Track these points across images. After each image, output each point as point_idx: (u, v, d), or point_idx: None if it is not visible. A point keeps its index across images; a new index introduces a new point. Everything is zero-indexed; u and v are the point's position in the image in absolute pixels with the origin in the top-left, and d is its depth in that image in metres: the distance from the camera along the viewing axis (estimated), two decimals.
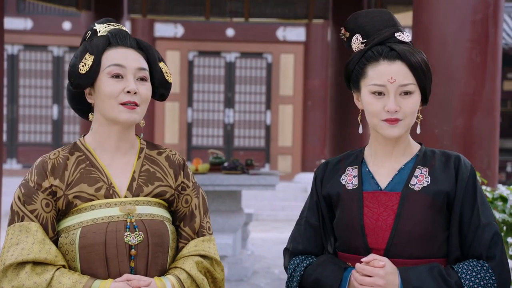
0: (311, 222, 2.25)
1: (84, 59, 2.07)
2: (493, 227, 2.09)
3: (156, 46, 15.47)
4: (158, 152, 2.21)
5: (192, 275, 2.09)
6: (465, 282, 2.02)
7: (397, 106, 2.06)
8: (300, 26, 15.61)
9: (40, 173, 2.10)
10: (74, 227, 2.06)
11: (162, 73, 2.17)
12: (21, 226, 2.05)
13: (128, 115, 2.08)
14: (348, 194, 2.16)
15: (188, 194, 2.20)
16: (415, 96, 2.09)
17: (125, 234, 2.04)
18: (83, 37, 2.17)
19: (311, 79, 15.62)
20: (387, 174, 2.15)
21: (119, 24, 2.18)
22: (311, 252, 2.25)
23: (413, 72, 2.07)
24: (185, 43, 15.67)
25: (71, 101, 2.22)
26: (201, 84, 15.85)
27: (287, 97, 15.73)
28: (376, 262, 2.02)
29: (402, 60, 2.07)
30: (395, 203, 2.10)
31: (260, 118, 15.86)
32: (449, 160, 2.14)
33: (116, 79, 2.08)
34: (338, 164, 2.25)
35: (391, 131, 2.08)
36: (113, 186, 2.10)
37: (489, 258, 2.07)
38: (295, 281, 2.20)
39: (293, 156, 15.75)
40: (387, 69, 2.07)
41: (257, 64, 15.88)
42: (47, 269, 2.00)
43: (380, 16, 2.17)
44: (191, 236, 2.17)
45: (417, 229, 2.08)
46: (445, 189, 2.09)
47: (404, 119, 2.08)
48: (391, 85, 2.06)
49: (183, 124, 15.71)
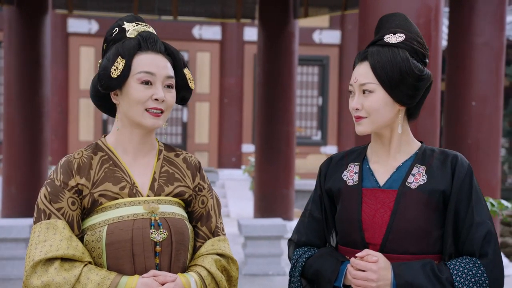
0: (315, 215, 2.32)
1: (116, 63, 2.10)
2: (486, 226, 2.13)
3: (70, 42, 15.18)
4: (176, 154, 2.27)
5: (212, 272, 2.15)
6: (456, 278, 2.08)
7: (357, 104, 2.15)
8: (216, 25, 15.70)
9: (66, 172, 2.13)
10: (100, 224, 2.10)
11: (186, 79, 2.22)
12: (48, 224, 2.07)
13: (153, 121, 2.13)
14: (348, 190, 2.23)
15: (204, 195, 2.27)
16: (376, 95, 2.14)
17: (151, 231, 2.10)
18: (109, 32, 2.19)
19: (227, 77, 15.76)
20: (386, 171, 2.22)
21: (146, 24, 2.21)
22: (314, 244, 2.32)
23: (374, 71, 2.13)
24: (100, 40, 15.36)
25: (95, 98, 2.24)
26: None
27: (203, 94, 15.79)
28: (370, 257, 2.09)
29: (367, 61, 2.16)
30: (392, 200, 2.17)
31: (177, 115, 15.85)
32: (446, 159, 2.19)
33: (145, 85, 2.11)
34: (341, 160, 2.32)
35: (357, 128, 2.19)
36: (136, 186, 2.16)
37: (482, 255, 2.11)
38: (297, 271, 2.28)
39: (210, 152, 15.84)
40: (356, 70, 2.19)
41: None
42: (75, 265, 2.03)
43: (389, 19, 2.24)
44: (207, 235, 2.24)
45: (412, 226, 2.13)
46: (441, 187, 2.15)
47: (369, 117, 2.15)
48: (355, 84, 2.17)
49: (98, 120, 15.47)
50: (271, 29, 8.68)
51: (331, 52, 16.12)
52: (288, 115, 8.64)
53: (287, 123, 8.60)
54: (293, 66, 8.74)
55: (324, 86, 16.22)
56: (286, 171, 8.65)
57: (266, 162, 8.64)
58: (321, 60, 16.10)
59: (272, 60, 8.55)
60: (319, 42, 16.07)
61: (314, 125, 16.29)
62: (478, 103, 6.86)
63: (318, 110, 16.31)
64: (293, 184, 8.76)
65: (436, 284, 2.07)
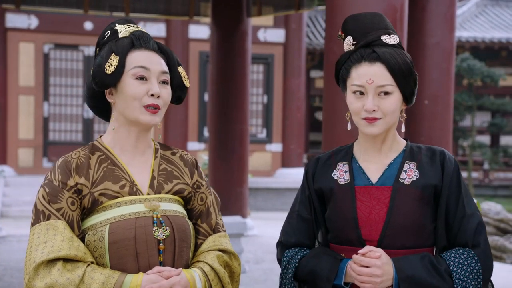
0: (303, 216, 2.32)
1: (110, 59, 2.08)
2: (477, 217, 2.21)
3: (8, 37, 14.80)
4: (172, 152, 2.27)
5: (215, 268, 2.15)
6: (453, 269, 2.13)
7: (374, 106, 2.15)
8: (161, 22, 15.58)
9: (64, 171, 2.10)
10: (102, 224, 2.07)
11: (180, 77, 2.21)
12: (48, 225, 2.04)
13: (150, 117, 2.12)
14: (341, 188, 2.25)
15: (203, 192, 2.27)
16: (393, 96, 2.17)
17: (154, 229, 2.08)
18: (102, 36, 2.18)
19: None
20: (377, 169, 2.25)
21: (138, 26, 2.21)
22: (304, 245, 2.32)
23: (392, 73, 2.15)
24: (40, 35, 15.09)
25: (89, 99, 2.22)
26: (58, 78, 15.35)
27: None
28: (373, 253, 2.11)
29: (381, 62, 2.15)
30: (387, 196, 2.20)
31: None
32: (434, 155, 2.25)
33: (141, 81, 2.10)
34: (328, 160, 2.33)
35: (369, 129, 2.18)
36: (136, 184, 2.14)
37: (474, 246, 2.18)
38: (290, 273, 2.27)
39: None
40: (367, 71, 2.15)
41: None
42: (78, 266, 2.00)
43: (371, 19, 2.24)
44: (208, 232, 2.24)
45: (408, 221, 2.18)
46: (433, 182, 2.20)
47: (384, 118, 2.17)
48: (370, 86, 2.15)
49: (38, 118, 15.13)
50: (224, 27, 8.68)
51: (276, 51, 16.21)
52: (241, 113, 8.67)
53: (240, 121, 8.62)
54: (247, 64, 8.76)
55: (269, 84, 16.31)
56: (240, 169, 8.67)
57: (220, 160, 8.63)
58: (266, 58, 16.18)
59: (226, 58, 8.56)
60: (264, 40, 16.15)
61: (259, 123, 16.36)
62: (430, 102, 7.04)
63: (263, 108, 16.38)
64: (247, 182, 8.78)
65: (435, 275, 2.12)
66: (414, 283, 2.11)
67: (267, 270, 7.45)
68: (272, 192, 14.80)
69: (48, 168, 14.87)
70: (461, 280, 2.13)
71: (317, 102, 21.88)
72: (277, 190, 14.89)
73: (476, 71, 19.31)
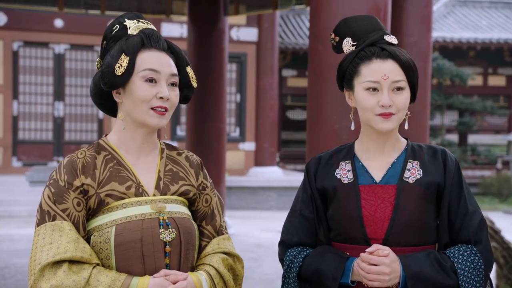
0: (305, 215, 2.32)
1: (120, 60, 2.05)
2: (479, 214, 2.26)
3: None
4: (178, 153, 2.25)
5: (220, 271, 2.14)
6: (458, 266, 2.18)
7: (390, 101, 2.18)
8: None
9: (70, 172, 2.07)
10: (107, 225, 2.05)
11: (188, 77, 2.19)
12: (54, 226, 2.01)
13: (158, 120, 2.09)
14: (345, 187, 2.27)
15: (208, 194, 2.26)
16: (406, 92, 2.22)
17: (160, 231, 2.06)
18: (109, 29, 2.14)
19: None
20: (381, 168, 2.28)
21: (148, 22, 2.17)
22: (306, 244, 2.32)
23: (404, 69, 2.21)
24: (9, 32, 14.86)
25: (95, 97, 2.19)
26: (27, 76, 15.13)
27: None
28: (381, 251, 2.14)
29: (393, 59, 2.20)
30: (392, 195, 2.23)
31: (93, 112, 15.49)
32: (436, 153, 2.30)
33: (150, 83, 2.07)
34: (330, 159, 2.35)
35: (385, 125, 2.20)
36: (142, 185, 2.12)
37: (477, 242, 2.23)
38: (294, 272, 2.27)
39: None
40: (381, 67, 2.20)
41: (88, 56, 15.48)
42: (84, 268, 1.97)
43: (368, 21, 2.31)
44: (212, 234, 2.22)
45: (413, 219, 2.22)
46: (436, 180, 2.25)
47: (397, 113, 2.20)
48: (385, 81, 2.19)
49: (8, 117, 14.91)
50: (201, 26, 8.65)
51: (249, 49, 16.19)
52: (219, 112, 8.64)
53: (218, 120, 8.60)
54: (224, 63, 8.74)
55: (242, 83, 16.29)
56: (218, 168, 8.64)
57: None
58: (239, 57, 16.15)
59: (203, 56, 8.53)
60: (237, 39, 16.12)
61: (232, 121, 16.33)
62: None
63: (236, 107, 16.36)
64: (224, 181, 8.76)
65: (441, 272, 2.16)
66: (421, 280, 2.14)
67: (247, 269, 7.42)
68: (246, 190, 14.79)
69: (17, 167, 14.66)
70: (466, 277, 2.17)
71: (289, 101, 21.92)
72: (251, 188, 14.89)
73: (445, 70, 19.52)
